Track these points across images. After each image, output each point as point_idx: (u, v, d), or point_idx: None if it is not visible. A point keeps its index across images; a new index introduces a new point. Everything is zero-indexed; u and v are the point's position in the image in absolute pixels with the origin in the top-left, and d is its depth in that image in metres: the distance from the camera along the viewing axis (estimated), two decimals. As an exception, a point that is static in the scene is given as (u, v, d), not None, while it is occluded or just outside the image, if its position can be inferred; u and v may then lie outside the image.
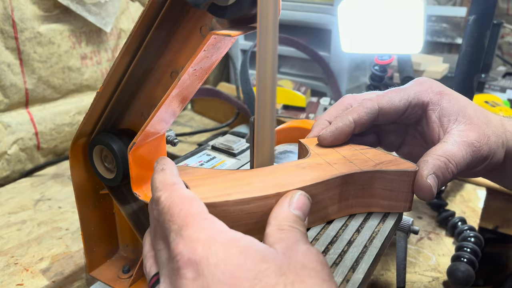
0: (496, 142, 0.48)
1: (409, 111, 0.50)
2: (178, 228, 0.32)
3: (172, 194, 0.35)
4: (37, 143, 0.99)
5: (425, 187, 0.44)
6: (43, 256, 0.71)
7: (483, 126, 0.48)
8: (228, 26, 0.43)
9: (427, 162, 0.45)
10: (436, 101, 0.49)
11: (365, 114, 0.49)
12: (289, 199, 0.37)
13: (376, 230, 0.44)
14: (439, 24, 1.82)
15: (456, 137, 0.47)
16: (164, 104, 0.47)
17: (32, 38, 0.94)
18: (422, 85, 0.51)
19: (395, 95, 0.50)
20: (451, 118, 0.48)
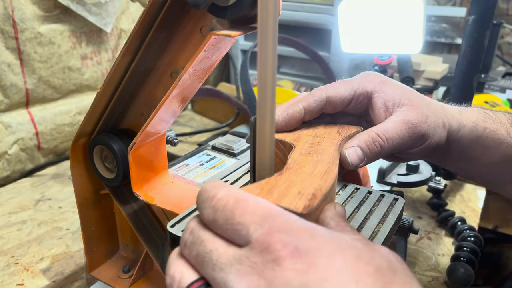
0: (435, 121, 0.51)
1: (355, 99, 0.52)
2: (261, 219, 0.30)
3: (231, 191, 0.32)
4: (37, 143, 0.99)
5: (342, 156, 0.48)
6: (44, 256, 0.71)
7: (422, 108, 0.51)
8: (228, 26, 0.43)
9: (356, 137, 0.50)
10: (379, 89, 0.52)
11: (314, 101, 0.51)
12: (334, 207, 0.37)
13: (376, 230, 0.44)
14: (439, 24, 1.82)
15: (395, 116, 0.50)
16: (164, 104, 0.47)
17: (33, 38, 0.94)
18: (365, 77, 0.54)
19: (341, 85, 0.53)
20: (395, 102, 0.51)
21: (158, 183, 0.56)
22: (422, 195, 0.91)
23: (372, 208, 0.47)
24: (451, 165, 0.60)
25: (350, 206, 0.47)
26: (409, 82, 0.98)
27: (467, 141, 0.54)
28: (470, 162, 0.56)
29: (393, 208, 0.47)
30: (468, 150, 0.54)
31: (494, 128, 0.54)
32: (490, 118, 0.55)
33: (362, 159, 0.48)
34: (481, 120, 0.54)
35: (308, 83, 1.29)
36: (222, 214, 0.31)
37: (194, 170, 0.62)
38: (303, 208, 0.35)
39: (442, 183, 0.81)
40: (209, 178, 0.60)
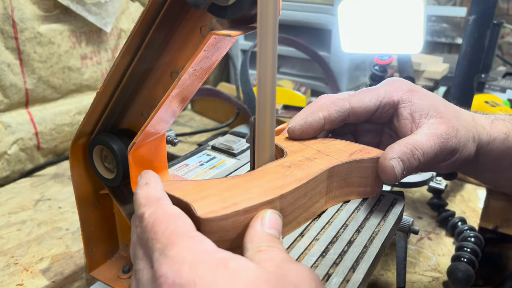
0: (465, 135, 0.49)
1: (380, 110, 0.51)
2: (162, 247, 0.30)
3: (156, 210, 0.33)
4: (37, 143, 0.99)
5: (388, 168, 0.45)
6: (43, 256, 0.71)
7: (452, 120, 0.49)
8: (228, 26, 0.43)
9: (392, 148, 0.47)
10: (406, 99, 0.50)
11: (335, 112, 0.50)
12: (261, 220, 0.35)
13: (376, 230, 0.44)
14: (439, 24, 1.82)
15: (425, 129, 0.48)
16: (164, 104, 0.47)
17: (32, 38, 0.94)
18: (391, 84, 0.52)
19: (365, 95, 0.51)
20: (422, 113, 0.49)
21: (158, 183, 0.55)
22: (422, 195, 0.91)
23: (372, 208, 0.47)
24: (479, 177, 0.58)
25: (351, 206, 0.47)
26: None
27: (497, 153, 0.52)
28: (499, 173, 0.55)
29: (393, 208, 0.47)
30: (497, 162, 0.53)
31: None
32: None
33: (403, 172, 0.46)
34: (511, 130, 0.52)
35: (308, 83, 1.29)
36: (145, 235, 0.32)
37: (194, 170, 0.62)
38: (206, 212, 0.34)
39: (442, 183, 0.81)
40: (209, 178, 0.60)
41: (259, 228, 0.35)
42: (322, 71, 1.27)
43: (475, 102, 0.82)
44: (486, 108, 1.12)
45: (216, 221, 0.35)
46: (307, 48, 1.25)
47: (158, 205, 0.34)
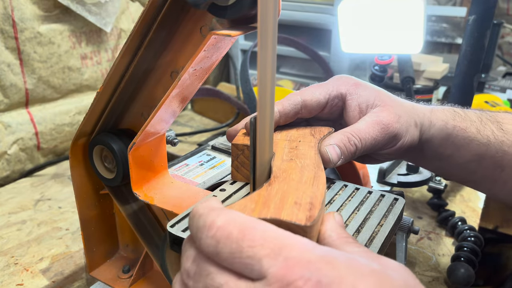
0: (407, 121, 0.52)
1: (330, 102, 0.53)
2: (273, 252, 0.28)
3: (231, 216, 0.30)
4: (37, 143, 0.99)
5: (323, 153, 0.48)
6: (43, 256, 0.71)
7: (395, 107, 0.52)
8: (228, 26, 0.43)
9: (332, 136, 0.50)
10: (353, 91, 0.53)
11: (289, 105, 0.52)
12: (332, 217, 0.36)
13: (376, 230, 0.44)
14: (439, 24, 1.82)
15: (367, 117, 0.51)
16: (164, 104, 0.47)
17: (32, 38, 0.94)
18: (339, 79, 0.55)
19: (315, 88, 0.53)
20: (368, 103, 0.52)
21: (158, 183, 0.56)
22: (422, 195, 0.91)
23: (372, 208, 0.47)
24: (426, 165, 0.61)
25: (350, 206, 0.47)
26: (409, 82, 0.98)
27: (438, 140, 0.55)
28: (443, 161, 0.57)
29: (393, 208, 0.47)
30: (440, 149, 0.55)
31: (463, 126, 0.54)
32: (459, 117, 0.55)
33: (340, 157, 0.49)
34: (450, 118, 0.55)
35: (308, 83, 1.29)
36: (226, 246, 0.28)
37: (194, 170, 0.62)
38: (306, 219, 0.33)
39: (442, 183, 0.81)
40: (209, 178, 0.60)
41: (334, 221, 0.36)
42: (322, 71, 1.27)
43: (475, 102, 0.82)
44: (486, 108, 1.12)
45: (315, 224, 0.34)
46: (307, 48, 1.25)
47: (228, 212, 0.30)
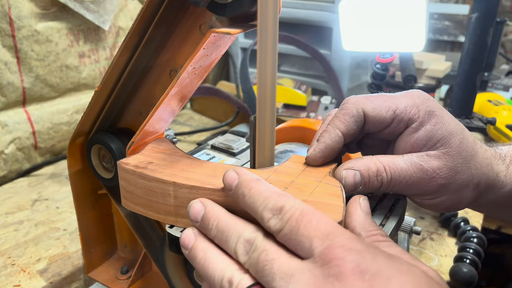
0: (464, 181, 0.44)
1: (394, 125, 0.45)
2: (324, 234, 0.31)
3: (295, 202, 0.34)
4: (34, 143, 0.99)
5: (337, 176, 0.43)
6: (41, 257, 0.71)
7: (456, 160, 0.43)
8: (228, 24, 0.43)
9: (361, 159, 0.44)
10: (422, 121, 0.44)
11: (354, 123, 0.44)
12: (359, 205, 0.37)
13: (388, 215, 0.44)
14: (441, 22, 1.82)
15: (416, 157, 0.44)
16: (163, 103, 0.47)
17: (30, 36, 0.93)
18: (414, 98, 0.45)
19: (382, 104, 0.44)
20: (428, 142, 0.44)
21: (156, 183, 0.55)
22: (424, 195, 0.91)
23: (374, 209, 0.47)
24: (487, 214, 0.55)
25: None
26: (411, 80, 0.98)
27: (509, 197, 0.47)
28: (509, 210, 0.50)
29: (395, 209, 0.47)
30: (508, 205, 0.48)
31: None
32: None
33: (357, 187, 0.43)
34: None
35: (309, 81, 1.29)
36: (288, 225, 0.32)
37: (193, 169, 0.62)
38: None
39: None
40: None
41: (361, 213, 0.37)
42: (323, 69, 1.26)
43: (478, 100, 0.82)
44: (489, 107, 1.12)
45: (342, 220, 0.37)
46: (308, 46, 1.25)
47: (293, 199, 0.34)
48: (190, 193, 0.41)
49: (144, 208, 0.45)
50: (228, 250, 0.35)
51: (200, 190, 0.41)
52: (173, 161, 0.46)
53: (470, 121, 0.79)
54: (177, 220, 0.43)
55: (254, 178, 0.36)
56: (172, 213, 0.42)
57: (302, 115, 1.15)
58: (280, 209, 0.33)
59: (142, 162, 0.45)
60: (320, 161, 0.44)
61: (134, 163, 0.45)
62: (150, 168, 0.44)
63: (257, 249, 0.33)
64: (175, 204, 0.42)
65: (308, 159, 0.45)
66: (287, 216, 0.33)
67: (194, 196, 0.41)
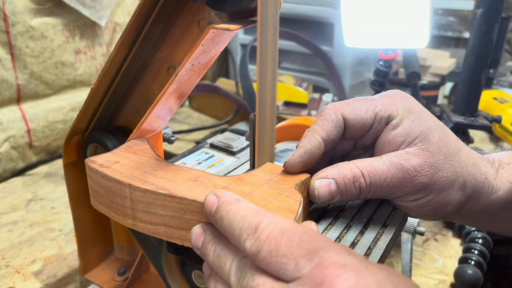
0: (448, 179, 0.42)
1: (376, 125, 0.44)
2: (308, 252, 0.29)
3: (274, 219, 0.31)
4: (29, 141, 0.99)
5: (310, 189, 0.42)
6: (36, 258, 0.71)
7: (438, 156, 0.42)
8: (227, 19, 0.43)
9: (337, 166, 0.42)
10: (401, 118, 0.43)
11: (334, 128, 0.43)
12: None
13: (381, 232, 0.44)
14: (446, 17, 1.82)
15: (394, 156, 0.42)
16: (160, 100, 0.47)
17: (24, 32, 0.93)
18: (389, 97, 0.45)
19: (360, 104, 0.44)
20: (407, 138, 0.43)
21: (154, 182, 0.56)
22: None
23: (376, 209, 0.47)
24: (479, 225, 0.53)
25: (354, 207, 0.47)
26: (415, 77, 0.98)
27: (502, 204, 0.46)
28: (504, 222, 0.49)
29: (398, 209, 0.47)
30: (502, 212, 0.47)
31: None
32: None
33: (334, 197, 0.42)
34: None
35: (310, 78, 1.29)
36: (266, 245, 0.30)
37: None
38: None
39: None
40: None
41: None
42: (324, 66, 1.26)
43: (483, 98, 0.82)
44: (494, 105, 1.12)
45: None
46: (309, 43, 1.25)
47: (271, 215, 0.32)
48: (144, 196, 0.41)
49: (106, 208, 0.45)
50: (224, 278, 0.34)
51: (153, 194, 0.40)
52: (140, 162, 0.46)
53: (475, 119, 0.79)
54: (134, 223, 0.42)
55: (234, 199, 0.35)
56: (130, 216, 0.42)
57: (303, 113, 1.15)
58: (255, 228, 0.31)
59: (109, 161, 0.45)
60: (299, 167, 0.43)
61: (100, 162, 0.45)
62: (113, 168, 0.44)
63: (246, 275, 0.31)
64: (131, 206, 0.42)
65: (286, 165, 0.43)
66: (264, 236, 0.30)
67: (147, 200, 0.40)
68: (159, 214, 0.41)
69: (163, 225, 0.41)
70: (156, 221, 0.41)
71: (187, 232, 0.39)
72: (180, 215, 0.39)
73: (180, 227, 0.40)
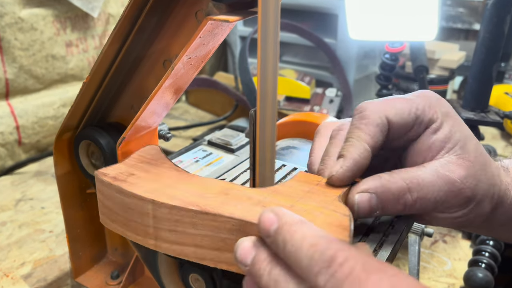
0: (485, 191, 0.42)
1: (416, 128, 0.43)
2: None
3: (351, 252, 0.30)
4: (18, 138, 0.99)
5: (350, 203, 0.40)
6: (25, 261, 0.71)
7: (477, 167, 0.42)
8: (226, 10, 0.43)
9: (379, 178, 0.40)
10: (441, 122, 0.42)
11: (380, 134, 0.41)
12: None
13: (387, 233, 0.44)
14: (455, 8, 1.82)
15: (438, 166, 0.41)
16: (156, 95, 0.47)
17: (13, 24, 0.93)
18: (429, 99, 0.44)
19: (403, 106, 0.42)
20: (446, 145, 0.41)
21: (149, 181, 0.56)
22: (436, 195, 0.91)
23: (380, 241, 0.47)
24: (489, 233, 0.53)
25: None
26: (422, 71, 0.98)
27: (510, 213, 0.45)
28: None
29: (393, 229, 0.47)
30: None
31: None
32: None
33: (374, 212, 0.40)
34: None
35: (313, 72, 1.29)
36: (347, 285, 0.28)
37: (189, 167, 0.62)
38: None
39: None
40: (205, 176, 0.60)
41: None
42: (327, 59, 1.26)
43: (494, 93, 0.81)
44: (506, 100, 1.12)
45: None
46: (312, 35, 1.25)
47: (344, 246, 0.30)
48: (170, 213, 0.38)
49: (121, 227, 0.42)
50: None
51: (181, 211, 0.38)
52: (157, 173, 0.44)
53: (486, 115, 0.79)
54: (156, 244, 0.40)
55: (297, 220, 0.33)
56: (151, 235, 0.40)
57: (306, 108, 1.15)
58: (330, 261, 0.29)
59: (123, 174, 0.43)
60: (348, 181, 0.41)
61: (113, 175, 0.43)
62: (130, 181, 0.42)
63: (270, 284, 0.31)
64: (154, 225, 0.39)
65: (334, 178, 0.40)
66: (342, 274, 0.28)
67: (175, 217, 0.38)
68: (188, 233, 0.38)
69: (193, 246, 0.38)
70: (184, 241, 0.38)
71: (221, 253, 0.37)
72: (214, 234, 0.37)
73: (213, 248, 0.37)
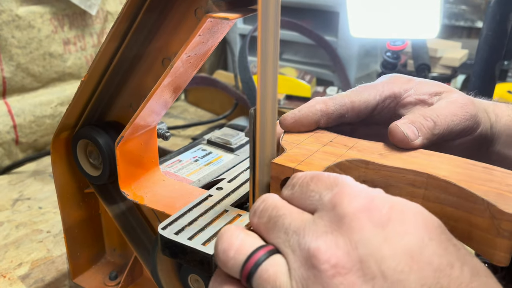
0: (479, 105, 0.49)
1: (381, 104, 0.50)
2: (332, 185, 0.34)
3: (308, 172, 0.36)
4: (15, 137, 0.99)
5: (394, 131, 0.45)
6: (22, 261, 0.71)
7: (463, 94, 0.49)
8: (226, 8, 0.43)
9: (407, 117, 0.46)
10: (408, 87, 0.50)
11: (333, 105, 0.48)
12: None
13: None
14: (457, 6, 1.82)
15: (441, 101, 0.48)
16: (155, 94, 0.47)
17: (10, 22, 0.93)
18: (390, 78, 0.52)
19: (364, 89, 0.50)
20: (431, 92, 0.49)
21: (148, 181, 0.56)
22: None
23: None
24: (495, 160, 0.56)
25: None
26: (424, 69, 0.98)
27: (504, 137, 0.51)
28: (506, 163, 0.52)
29: None
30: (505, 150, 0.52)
31: None
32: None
33: (417, 135, 0.45)
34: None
35: (314, 70, 1.29)
36: (299, 188, 0.35)
37: (188, 166, 0.62)
38: None
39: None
40: (205, 176, 0.60)
41: None
42: (328, 57, 1.26)
43: (497, 91, 0.82)
44: (509, 98, 1.12)
45: None
46: (312, 33, 1.25)
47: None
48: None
49: None
50: None
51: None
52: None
53: (489, 114, 0.79)
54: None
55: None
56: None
57: (306, 107, 1.15)
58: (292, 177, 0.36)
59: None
60: (290, 122, 0.47)
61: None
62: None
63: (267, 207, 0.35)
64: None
65: (280, 119, 0.47)
66: (297, 181, 0.36)
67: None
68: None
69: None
70: None
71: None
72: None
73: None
